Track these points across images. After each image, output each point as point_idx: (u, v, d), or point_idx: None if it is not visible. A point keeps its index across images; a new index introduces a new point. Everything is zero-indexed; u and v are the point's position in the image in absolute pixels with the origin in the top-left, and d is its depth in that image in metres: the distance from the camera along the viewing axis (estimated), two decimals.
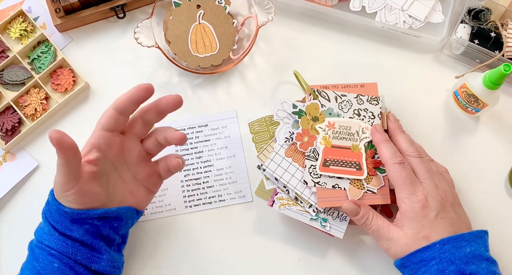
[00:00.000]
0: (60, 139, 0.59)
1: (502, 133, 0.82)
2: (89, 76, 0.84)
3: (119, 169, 0.68)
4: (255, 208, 0.79)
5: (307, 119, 0.75)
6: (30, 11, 0.86)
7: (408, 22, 0.83)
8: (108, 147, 0.66)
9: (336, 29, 0.86)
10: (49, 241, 0.65)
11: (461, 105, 0.81)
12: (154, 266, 0.77)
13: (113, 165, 0.68)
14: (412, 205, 0.68)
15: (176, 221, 0.79)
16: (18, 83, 0.82)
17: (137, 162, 0.69)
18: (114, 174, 0.68)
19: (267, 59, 0.85)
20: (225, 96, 0.83)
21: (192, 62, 0.81)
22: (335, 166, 0.73)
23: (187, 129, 0.82)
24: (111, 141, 0.66)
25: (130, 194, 0.69)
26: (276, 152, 0.74)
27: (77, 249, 0.65)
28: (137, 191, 0.70)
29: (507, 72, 0.70)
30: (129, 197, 0.69)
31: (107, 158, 0.67)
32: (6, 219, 0.80)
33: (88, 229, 0.66)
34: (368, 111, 0.75)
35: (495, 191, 0.80)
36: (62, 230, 0.65)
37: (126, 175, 0.69)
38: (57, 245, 0.65)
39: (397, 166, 0.69)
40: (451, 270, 0.64)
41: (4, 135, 0.81)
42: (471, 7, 0.81)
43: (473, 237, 0.67)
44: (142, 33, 0.80)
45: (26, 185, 0.81)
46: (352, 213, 0.71)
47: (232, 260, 0.78)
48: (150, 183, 0.71)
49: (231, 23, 0.82)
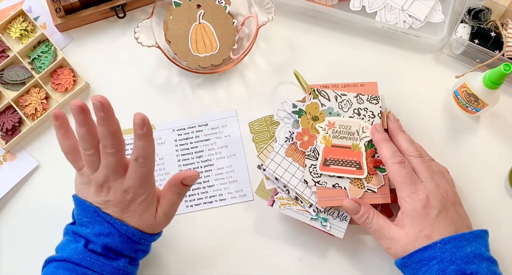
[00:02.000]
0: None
1: (502, 133, 0.82)
2: (89, 76, 0.84)
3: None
4: (256, 207, 0.79)
5: (307, 119, 0.75)
6: (31, 11, 0.86)
7: (408, 22, 0.83)
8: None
9: (336, 29, 0.86)
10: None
11: (461, 105, 0.81)
12: (155, 265, 0.77)
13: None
14: (414, 204, 0.68)
15: (177, 221, 0.79)
16: (19, 83, 0.82)
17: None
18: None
19: (267, 59, 0.85)
20: (225, 96, 0.83)
21: (192, 62, 0.81)
22: (335, 165, 0.73)
23: (187, 128, 0.82)
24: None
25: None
26: (277, 152, 0.74)
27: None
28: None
29: (507, 72, 0.70)
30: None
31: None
32: (6, 219, 0.79)
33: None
34: (368, 111, 0.75)
35: (495, 191, 0.80)
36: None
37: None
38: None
39: (397, 165, 0.69)
40: (452, 269, 0.64)
41: (4, 135, 0.81)
42: (471, 7, 0.81)
43: (474, 236, 0.67)
44: (142, 33, 0.80)
45: (26, 185, 0.81)
46: (353, 211, 0.71)
47: (233, 259, 0.78)
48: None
49: (231, 23, 0.82)
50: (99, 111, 0.61)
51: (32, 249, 0.78)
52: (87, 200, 0.66)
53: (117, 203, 0.65)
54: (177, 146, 0.81)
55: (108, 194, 0.65)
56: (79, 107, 0.62)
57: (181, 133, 0.82)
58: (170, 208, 0.68)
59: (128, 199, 0.65)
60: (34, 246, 0.78)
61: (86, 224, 0.66)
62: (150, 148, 0.63)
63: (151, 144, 0.64)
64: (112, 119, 0.62)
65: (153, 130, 0.81)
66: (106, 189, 0.65)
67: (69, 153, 0.67)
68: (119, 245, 0.65)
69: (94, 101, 0.60)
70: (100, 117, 0.61)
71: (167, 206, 0.68)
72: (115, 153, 0.63)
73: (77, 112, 0.62)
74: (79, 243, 0.65)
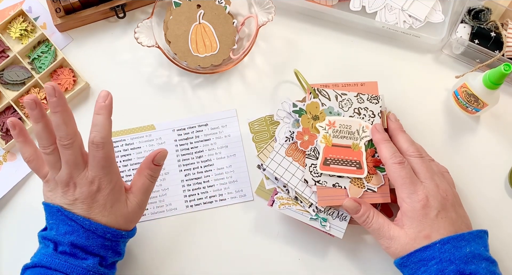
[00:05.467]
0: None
1: (502, 133, 0.82)
2: (89, 76, 0.84)
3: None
4: (256, 207, 0.79)
5: (308, 118, 0.75)
6: (31, 11, 0.86)
7: (408, 22, 0.83)
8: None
9: (336, 29, 0.86)
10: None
11: (461, 105, 0.81)
12: (155, 265, 0.77)
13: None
14: (413, 204, 0.68)
15: (177, 221, 0.79)
16: (19, 83, 0.82)
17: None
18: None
19: (267, 59, 0.85)
20: (225, 96, 0.83)
21: (192, 62, 0.81)
22: (335, 165, 0.73)
23: (187, 128, 0.82)
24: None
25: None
26: (277, 151, 0.74)
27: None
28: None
29: (507, 72, 0.70)
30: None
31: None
32: (6, 219, 0.80)
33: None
34: (368, 110, 0.75)
35: (495, 191, 0.80)
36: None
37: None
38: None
39: (396, 165, 0.69)
40: (451, 269, 0.64)
41: (4, 135, 0.81)
42: (471, 7, 0.82)
43: (473, 237, 0.67)
44: (142, 33, 0.80)
45: (26, 185, 0.81)
46: (353, 211, 0.71)
47: (233, 259, 0.78)
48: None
49: (231, 23, 0.82)
50: (52, 97, 0.61)
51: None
52: (55, 202, 0.66)
53: (84, 199, 0.65)
54: (177, 146, 0.81)
55: (75, 191, 0.65)
56: (32, 101, 0.62)
57: (181, 133, 0.82)
58: (143, 194, 0.68)
59: (95, 191, 0.65)
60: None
61: (52, 226, 0.66)
62: (107, 123, 0.63)
63: (109, 121, 0.64)
64: (64, 106, 0.63)
65: (153, 131, 0.82)
66: (72, 186, 0.65)
67: (31, 161, 0.67)
68: (85, 241, 0.65)
69: (47, 85, 0.61)
70: (52, 103, 0.62)
71: (140, 192, 0.68)
72: (71, 145, 0.63)
73: (30, 106, 0.63)
74: (49, 248, 0.65)
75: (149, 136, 0.82)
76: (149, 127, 0.82)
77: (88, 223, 0.65)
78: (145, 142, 0.82)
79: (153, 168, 0.68)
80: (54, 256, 0.64)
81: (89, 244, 0.65)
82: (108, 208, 0.66)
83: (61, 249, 0.64)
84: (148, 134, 0.82)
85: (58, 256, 0.64)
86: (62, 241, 0.64)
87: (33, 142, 0.68)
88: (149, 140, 0.82)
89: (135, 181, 0.69)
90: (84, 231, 0.65)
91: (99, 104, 0.63)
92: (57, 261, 0.64)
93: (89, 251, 0.65)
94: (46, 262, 0.64)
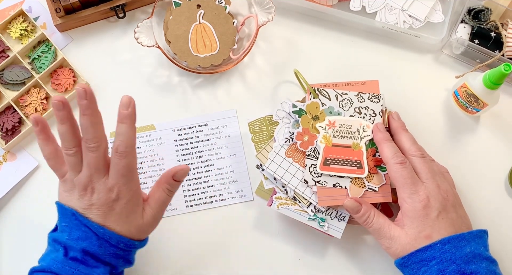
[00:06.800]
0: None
1: (502, 133, 0.82)
2: (89, 76, 0.84)
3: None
4: (256, 207, 0.79)
5: (308, 118, 0.75)
6: (31, 11, 0.86)
7: (408, 22, 0.83)
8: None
9: (336, 29, 0.86)
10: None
11: (461, 105, 0.81)
12: (155, 265, 0.77)
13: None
14: (414, 204, 0.68)
15: (177, 221, 0.79)
16: (19, 83, 0.82)
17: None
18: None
19: (267, 59, 0.85)
20: (225, 96, 0.83)
21: (192, 62, 0.81)
22: (335, 165, 0.73)
23: (187, 128, 0.82)
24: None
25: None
26: (277, 153, 0.74)
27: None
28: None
29: (507, 72, 0.70)
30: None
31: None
32: (6, 219, 0.79)
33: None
34: (369, 109, 0.75)
35: (495, 191, 0.80)
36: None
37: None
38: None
39: (398, 165, 0.69)
40: (451, 269, 0.64)
41: (5, 135, 0.81)
42: (471, 7, 0.82)
43: (473, 236, 0.67)
44: (142, 33, 0.80)
45: (26, 185, 0.81)
46: (354, 210, 0.71)
47: (233, 259, 0.78)
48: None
49: (231, 23, 0.82)
50: (82, 99, 0.60)
51: (32, 249, 0.78)
52: (70, 205, 0.64)
53: (101, 206, 0.63)
54: (177, 146, 0.81)
55: (92, 196, 0.63)
56: (60, 101, 0.61)
57: (181, 133, 0.82)
58: (159, 207, 0.67)
59: (113, 199, 0.63)
60: (34, 246, 0.78)
61: (64, 228, 0.64)
62: (132, 132, 0.62)
63: (133, 130, 0.62)
64: (94, 109, 0.61)
65: (153, 131, 0.82)
66: (90, 191, 0.63)
67: (51, 159, 0.66)
68: (97, 249, 0.63)
69: (78, 88, 0.60)
70: (82, 106, 0.61)
71: (156, 205, 0.66)
72: (97, 148, 0.62)
73: (57, 107, 0.61)
74: (59, 252, 0.63)
75: (149, 137, 0.82)
76: (149, 127, 0.82)
77: (102, 231, 0.63)
78: (145, 142, 0.81)
79: (173, 183, 0.66)
80: (65, 262, 0.62)
81: (101, 252, 0.63)
82: (124, 217, 0.64)
83: (72, 255, 0.63)
84: (148, 135, 0.82)
85: (69, 262, 0.62)
86: (73, 247, 0.63)
87: (55, 139, 0.66)
88: (149, 140, 0.82)
89: (153, 193, 0.67)
90: (97, 239, 0.63)
91: (122, 113, 0.62)
92: (67, 268, 0.62)
93: (101, 259, 0.64)
94: (55, 269, 0.62)
